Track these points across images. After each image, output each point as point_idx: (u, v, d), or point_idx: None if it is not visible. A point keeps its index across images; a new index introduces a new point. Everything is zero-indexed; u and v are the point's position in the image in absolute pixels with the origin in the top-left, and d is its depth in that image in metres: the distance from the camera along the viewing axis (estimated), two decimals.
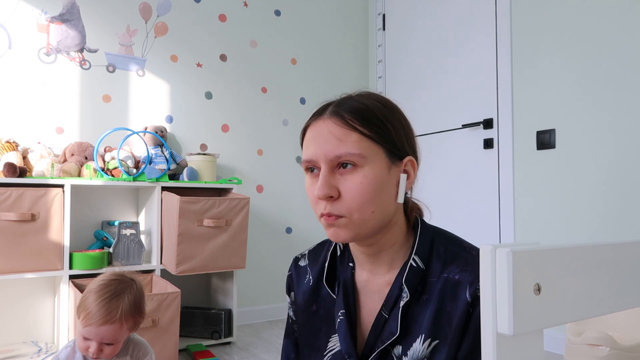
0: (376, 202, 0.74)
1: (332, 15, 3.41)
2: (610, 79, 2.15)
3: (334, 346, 0.84)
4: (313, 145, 0.76)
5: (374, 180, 0.73)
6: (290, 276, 0.96)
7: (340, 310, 0.83)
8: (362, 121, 0.74)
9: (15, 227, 2.00)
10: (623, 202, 2.10)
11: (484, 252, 0.39)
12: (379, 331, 0.79)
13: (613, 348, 1.63)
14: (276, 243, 3.10)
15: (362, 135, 0.74)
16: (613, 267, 0.47)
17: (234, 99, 2.99)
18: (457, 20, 2.90)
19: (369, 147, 0.74)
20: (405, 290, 0.77)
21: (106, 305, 1.19)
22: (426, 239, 0.80)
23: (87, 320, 1.19)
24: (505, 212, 2.55)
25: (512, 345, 0.39)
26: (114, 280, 1.25)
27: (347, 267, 0.86)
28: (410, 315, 0.78)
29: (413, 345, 0.76)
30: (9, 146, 2.17)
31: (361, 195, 0.73)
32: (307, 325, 0.89)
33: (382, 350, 0.78)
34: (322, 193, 0.73)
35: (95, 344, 1.20)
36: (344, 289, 0.84)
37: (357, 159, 0.73)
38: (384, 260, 0.81)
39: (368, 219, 0.74)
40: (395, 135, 0.76)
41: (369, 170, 0.73)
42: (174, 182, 2.44)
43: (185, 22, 2.85)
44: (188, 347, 2.34)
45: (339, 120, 0.75)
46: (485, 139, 2.67)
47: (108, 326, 1.19)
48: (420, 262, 0.78)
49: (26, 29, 2.41)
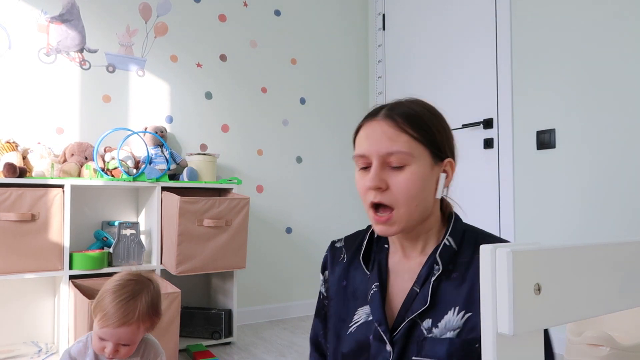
0: (419, 197, 0.85)
1: (332, 15, 3.41)
2: (611, 79, 2.15)
3: (359, 318, 0.92)
4: (367, 142, 0.87)
5: (419, 178, 0.84)
6: (326, 257, 1.05)
7: (375, 283, 0.91)
8: (412, 125, 0.85)
9: (15, 228, 2.00)
10: (623, 201, 2.10)
11: (484, 252, 0.39)
12: (410, 304, 0.86)
13: (613, 348, 1.63)
14: (276, 243, 3.10)
15: (411, 137, 0.84)
16: (613, 267, 0.47)
17: (234, 99, 2.99)
18: (457, 20, 2.90)
19: (416, 148, 0.85)
20: (439, 263, 0.86)
21: (123, 307, 1.17)
22: (459, 228, 0.91)
23: (104, 322, 1.17)
24: (505, 212, 2.55)
25: (512, 345, 0.39)
26: (130, 280, 1.23)
27: (382, 249, 0.96)
28: (441, 291, 0.85)
29: (445, 317, 0.83)
30: (9, 146, 2.17)
31: (408, 189, 0.83)
32: (337, 297, 0.98)
33: (411, 323, 0.85)
34: (373, 184, 0.83)
35: (111, 344, 1.19)
36: (378, 267, 0.93)
37: (406, 158, 0.84)
38: (418, 244, 0.91)
39: (412, 212, 0.85)
40: (438, 139, 0.87)
41: (415, 168, 0.84)
42: (174, 182, 2.44)
43: (185, 22, 2.85)
44: (188, 347, 2.34)
45: (391, 122, 0.85)
46: (485, 138, 2.67)
47: (125, 328, 1.17)
48: (452, 243, 0.89)
49: (26, 29, 2.41)
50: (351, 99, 3.47)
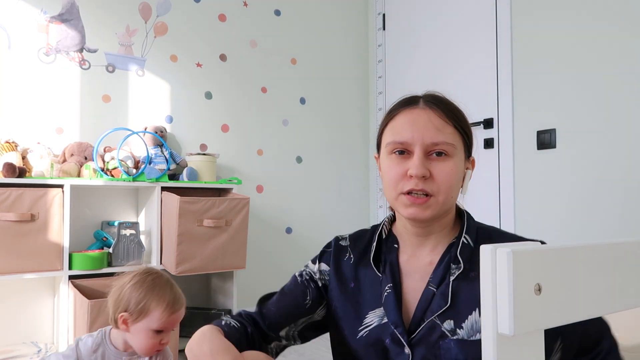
0: (455, 189, 0.85)
1: (332, 15, 3.41)
2: (611, 79, 2.15)
3: (371, 321, 0.89)
4: (411, 129, 0.84)
5: (458, 170, 0.85)
6: (330, 252, 0.99)
7: (388, 285, 0.88)
8: (456, 117, 0.86)
9: (15, 228, 1.99)
10: (623, 202, 2.10)
11: (484, 252, 0.39)
12: (427, 304, 0.84)
13: None
14: (276, 243, 3.10)
15: (456, 129, 0.85)
16: (613, 267, 0.47)
17: (234, 99, 2.99)
18: (457, 20, 2.90)
19: (458, 141, 0.86)
20: (460, 261, 0.84)
21: (174, 290, 1.24)
22: (473, 225, 0.90)
23: (170, 311, 1.21)
24: (506, 212, 2.55)
25: (512, 345, 0.39)
26: (153, 272, 1.27)
27: (392, 249, 0.93)
28: (460, 291, 0.83)
29: (470, 318, 0.81)
30: (9, 146, 2.16)
31: (450, 179, 0.83)
32: (342, 299, 0.94)
33: (431, 325, 0.82)
34: (420, 172, 0.81)
35: (167, 333, 1.23)
36: (390, 267, 0.90)
37: (450, 149, 0.83)
38: (430, 241, 0.89)
39: (448, 201, 0.84)
40: (470, 135, 0.90)
41: (457, 160, 0.85)
42: (173, 182, 2.44)
43: (185, 22, 2.84)
44: None
45: (438, 112, 0.85)
46: (486, 138, 2.67)
47: (182, 310, 1.25)
48: (470, 241, 0.87)
49: (26, 29, 2.40)
50: (351, 99, 3.47)
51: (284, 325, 0.94)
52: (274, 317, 0.94)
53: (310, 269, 0.99)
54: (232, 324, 0.92)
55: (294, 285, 0.98)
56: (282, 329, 0.94)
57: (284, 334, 0.95)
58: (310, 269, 0.99)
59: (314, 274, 0.98)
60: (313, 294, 0.96)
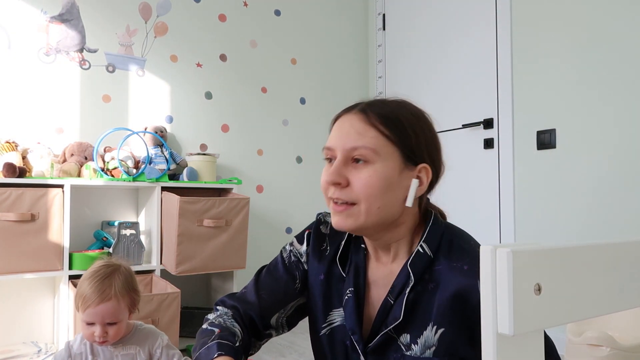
0: (383, 199, 0.77)
1: (332, 15, 3.41)
2: (611, 79, 2.15)
3: (334, 320, 0.87)
4: (335, 135, 0.82)
5: (383, 177, 0.77)
6: (309, 234, 0.96)
7: (349, 288, 0.85)
8: (384, 121, 0.79)
9: (15, 227, 1.99)
10: (623, 202, 2.10)
11: (484, 252, 0.39)
12: (385, 316, 0.80)
13: (613, 348, 1.63)
14: (276, 243, 3.09)
15: (380, 133, 0.78)
16: (613, 267, 0.47)
17: (234, 99, 2.99)
18: (457, 20, 2.90)
19: (384, 146, 0.78)
20: (411, 275, 0.78)
21: (99, 285, 1.24)
22: (437, 231, 0.82)
23: (85, 304, 1.23)
24: (506, 212, 2.55)
25: (512, 345, 0.39)
26: (102, 265, 1.30)
27: (359, 250, 0.89)
28: (419, 304, 0.78)
29: (424, 333, 0.77)
30: (9, 146, 2.16)
31: (369, 187, 0.76)
32: (312, 287, 0.92)
33: (388, 337, 0.79)
34: (331, 179, 0.78)
35: (99, 327, 1.23)
36: (355, 270, 0.86)
37: (370, 154, 0.77)
38: (391, 250, 0.84)
39: (374, 213, 0.77)
40: (414, 141, 0.79)
41: (380, 167, 0.77)
42: (173, 182, 2.44)
43: (185, 22, 2.84)
44: (188, 348, 2.34)
45: (363, 116, 0.80)
46: (486, 138, 2.67)
47: (106, 304, 1.23)
48: (428, 250, 0.80)
49: (26, 29, 2.40)
50: (351, 99, 3.44)
51: (275, 312, 0.93)
52: (266, 304, 0.93)
53: (297, 250, 0.97)
54: (230, 344, 0.85)
55: (284, 269, 0.96)
56: (273, 316, 0.93)
57: (274, 321, 0.93)
58: (297, 250, 0.97)
59: (301, 257, 0.96)
60: (302, 275, 0.94)
